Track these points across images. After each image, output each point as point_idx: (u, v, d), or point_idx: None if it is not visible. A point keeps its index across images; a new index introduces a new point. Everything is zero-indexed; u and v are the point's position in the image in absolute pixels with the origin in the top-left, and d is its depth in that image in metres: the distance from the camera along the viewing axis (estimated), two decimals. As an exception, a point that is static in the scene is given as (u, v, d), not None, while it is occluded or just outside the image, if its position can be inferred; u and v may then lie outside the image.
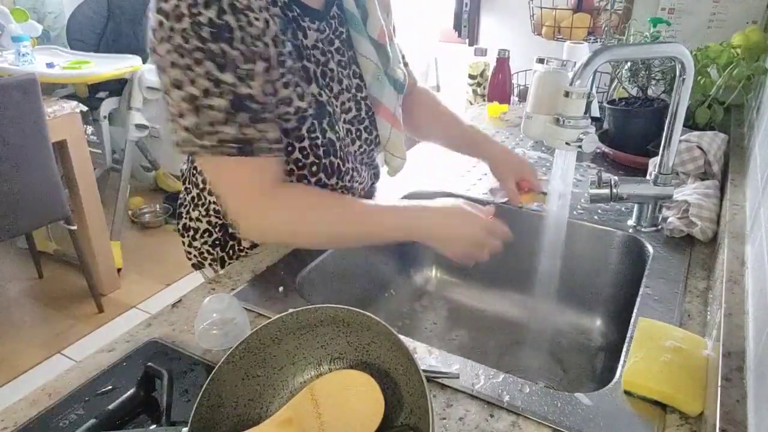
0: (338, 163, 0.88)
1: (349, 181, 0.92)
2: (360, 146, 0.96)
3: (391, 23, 1.00)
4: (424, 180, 1.18)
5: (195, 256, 1.00)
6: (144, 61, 2.71)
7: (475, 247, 0.80)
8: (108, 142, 2.84)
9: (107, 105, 2.69)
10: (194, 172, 0.95)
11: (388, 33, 0.95)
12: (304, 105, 0.81)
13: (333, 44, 0.89)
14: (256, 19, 0.73)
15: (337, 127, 0.88)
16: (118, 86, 2.70)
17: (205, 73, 0.70)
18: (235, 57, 0.71)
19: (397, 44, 1.05)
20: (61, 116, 2.10)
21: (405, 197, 1.12)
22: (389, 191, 1.12)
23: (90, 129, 2.82)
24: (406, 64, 1.08)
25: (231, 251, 0.97)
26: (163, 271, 2.63)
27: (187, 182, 0.99)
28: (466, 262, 0.82)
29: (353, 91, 0.93)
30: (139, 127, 2.71)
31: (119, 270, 2.57)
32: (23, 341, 2.20)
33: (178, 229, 1.02)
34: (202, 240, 0.98)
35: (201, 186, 0.94)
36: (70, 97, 2.55)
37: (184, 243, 1.01)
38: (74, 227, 2.18)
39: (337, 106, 0.90)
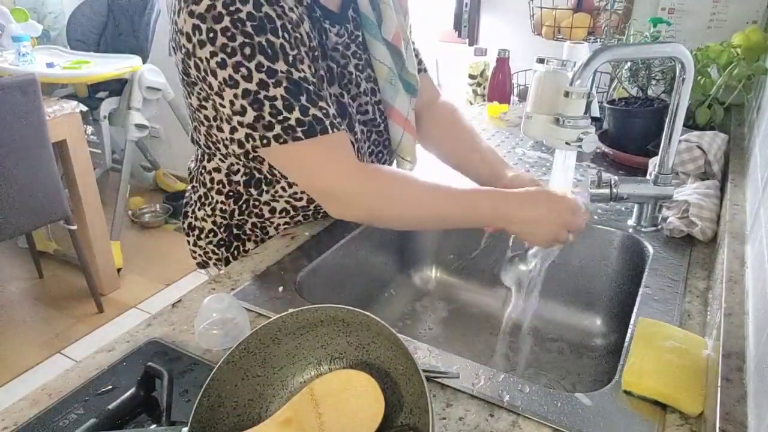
0: None
1: None
2: (369, 147, 0.96)
3: (408, 26, 1.00)
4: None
5: (200, 255, 1.01)
6: (144, 61, 2.72)
7: (553, 236, 0.80)
8: (108, 142, 2.84)
9: (107, 105, 2.70)
10: (202, 171, 0.95)
11: (405, 36, 0.95)
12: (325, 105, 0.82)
13: (349, 48, 0.90)
14: (291, 10, 0.75)
15: (356, 129, 0.89)
16: (118, 86, 2.71)
17: (257, 67, 0.71)
18: (282, 44, 0.72)
19: (416, 50, 1.05)
20: (61, 116, 2.11)
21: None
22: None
23: (90, 129, 2.82)
24: (424, 70, 1.07)
25: (236, 252, 0.97)
26: (163, 271, 2.63)
27: (194, 181, 0.99)
28: (547, 246, 0.84)
29: (369, 95, 0.93)
30: (139, 127, 2.71)
31: (119, 270, 2.57)
32: (23, 341, 2.20)
33: (183, 228, 1.02)
34: (207, 240, 0.98)
35: (208, 185, 0.94)
36: (70, 97, 2.55)
37: (189, 242, 1.01)
38: (74, 227, 2.18)
39: (354, 108, 0.91)
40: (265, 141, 0.75)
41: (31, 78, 1.87)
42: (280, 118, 0.73)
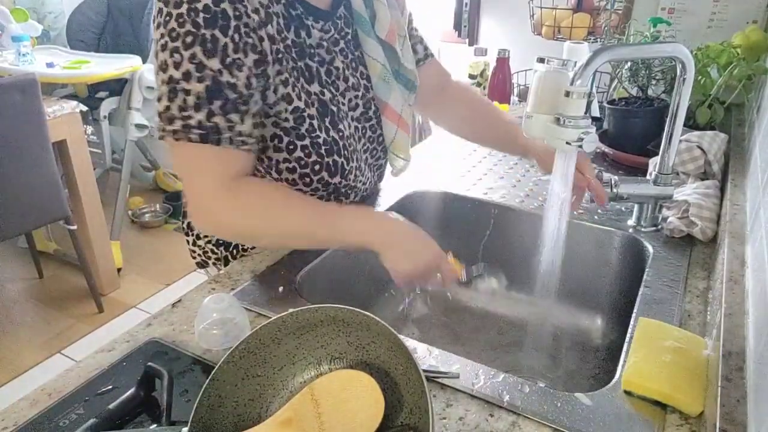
0: (342, 162, 0.88)
1: (353, 180, 0.92)
2: (365, 144, 0.96)
3: (405, 20, 0.99)
4: (425, 180, 1.18)
5: (199, 255, 1.01)
6: (144, 61, 2.72)
7: (423, 272, 0.78)
8: (108, 142, 2.84)
9: (107, 105, 2.69)
10: None
11: (400, 31, 0.95)
12: (302, 105, 0.81)
13: (338, 45, 0.89)
14: (256, 11, 0.74)
15: (341, 126, 0.88)
16: (118, 86, 2.70)
17: (190, 57, 0.70)
18: (226, 44, 0.71)
19: (420, 37, 1.06)
20: (61, 116, 2.11)
21: (406, 197, 1.12)
22: (390, 191, 1.12)
23: (90, 129, 2.82)
24: (431, 55, 1.09)
25: (234, 251, 0.97)
26: (163, 271, 2.63)
27: None
28: (406, 284, 0.80)
29: (361, 90, 0.93)
30: (139, 127, 2.71)
31: (119, 270, 2.57)
32: (23, 341, 2.20)
33: (183, 228, 1.02)
34: (206, 239, 0.98)
35: None
36: (70, 97, 2.55)
37: (188, 242, 1.01)
38: (74, 227, 2.18)
39: (343, 104, 0.90)
40: (163, 133, 0.73)
41: (31, 78, 1.87)
42: (184, 114, 0.71)
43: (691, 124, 1.31)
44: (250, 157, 0.78)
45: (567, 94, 0.78)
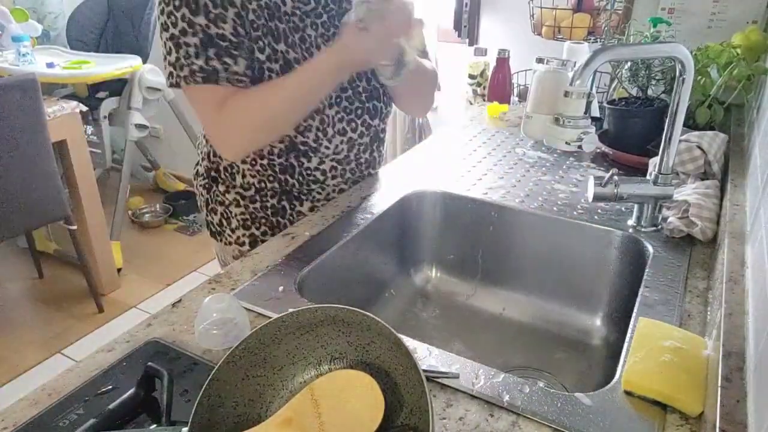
0: None
1: (312, 140, 0.99)
2: (337, 112, 1.01)
3: None
4: (425, 180, 1.18)
5: (216, 217, 1.11)
6: (144, 62, 2.72)
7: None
8: (108, 142, 2.84)
9: (107, 105, 2.70)
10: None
11: None
12: (263, 57, 0.92)
13: (320, 17, 0.96)
14: None
15: None
16: (118, 86, 2.70)
17: (181, 17, 0.86)
18: (206, 3, 0.86)
19: None
20: (61, 116, 2.11)
21: (405, 197, 1.12)
22: (390, 191, 1.12)
23: (90, 129, 2.82)
24: None
25: (291, 214, 1.08)
26: (163, 271, 2.63)
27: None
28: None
29: None
30: (139, 127, 2.71)
31: (119, 270, 2.57)
32: (23, 341, 2.20)
33: (201, 184, 1.12)
34: (261, 202, 1.07)
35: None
36: (70, 97, 2.55)
37: (202, 196, 1.12)
38: (74, 227, 2.18)
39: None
40: (178, 80, 0.89)
41: (31, 78, 1.87)
42: (189, 61, 0.87)
43: (690, 124, 1.31)
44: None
45: (566, 94, 0.78)
